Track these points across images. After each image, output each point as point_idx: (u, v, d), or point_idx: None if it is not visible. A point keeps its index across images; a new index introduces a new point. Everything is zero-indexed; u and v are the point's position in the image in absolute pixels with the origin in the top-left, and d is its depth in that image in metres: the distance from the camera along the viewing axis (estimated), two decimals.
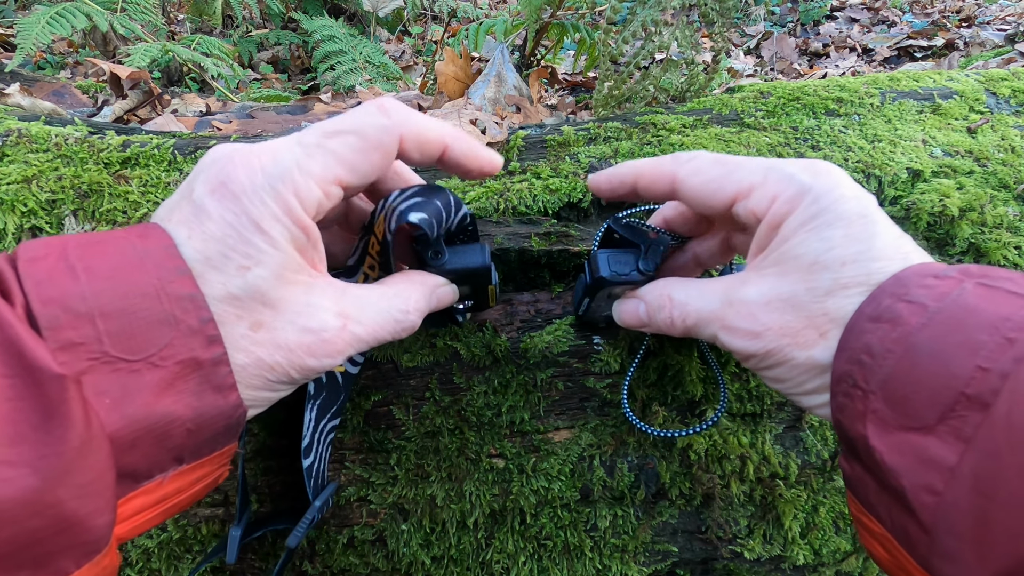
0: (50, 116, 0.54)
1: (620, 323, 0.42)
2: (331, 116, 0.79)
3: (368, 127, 0.33)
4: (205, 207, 0.30)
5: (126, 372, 0.27)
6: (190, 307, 0.28)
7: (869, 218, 0.32)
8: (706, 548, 0.50)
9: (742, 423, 0.49)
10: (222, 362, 0.29)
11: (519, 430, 0.48)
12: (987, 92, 0.63)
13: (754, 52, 2.82)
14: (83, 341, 0.26)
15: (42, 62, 2.21)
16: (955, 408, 0.26)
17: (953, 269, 0.30)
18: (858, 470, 0.31)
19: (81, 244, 0.28)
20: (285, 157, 0.31)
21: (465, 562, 0.49)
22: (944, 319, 0.28)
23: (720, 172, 0.36)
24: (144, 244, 0.29)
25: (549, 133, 0.57)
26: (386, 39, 2.82)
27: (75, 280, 0.27)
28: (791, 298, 0.33)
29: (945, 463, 0.26)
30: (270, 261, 0.30)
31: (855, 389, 0.30)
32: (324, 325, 0.33)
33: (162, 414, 0.28)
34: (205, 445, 0.30)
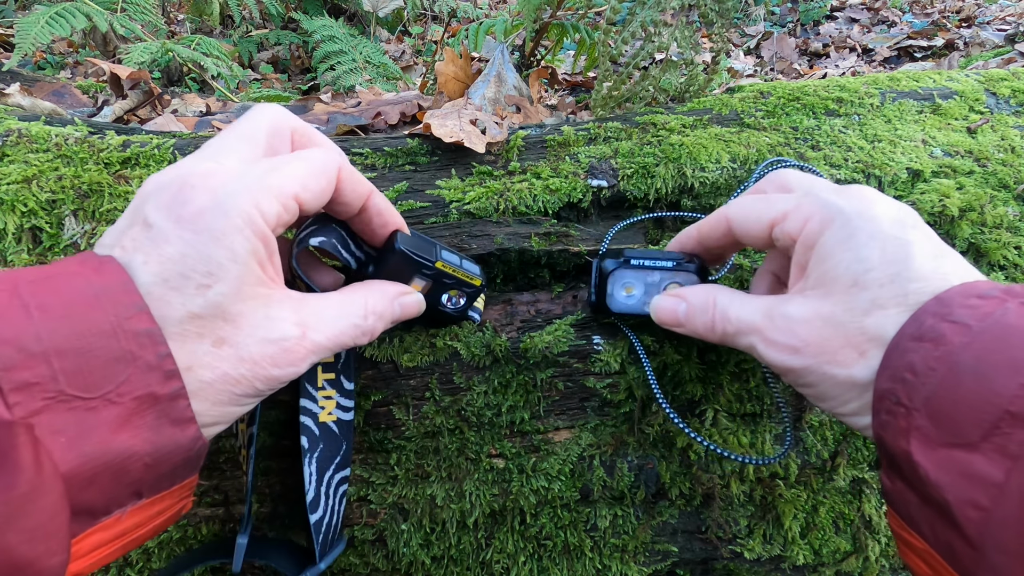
0: (50, 116, 0.54)
1: (656, 318, 0.43)
2: (331, 116, 0.79)
3: (313, 155, 0.35)
4: (163, 231, 0.30)
5: (82, 410, 0.27)
6: (147, 343, 0.29)
7: (903, 239, 0.33)
8: (706, 548, 0.50)
9: (742, 423, 0.49)
10: (180, 396, 0.30)
11: (519, 430, 0.48)
12: (987, 92, 0.63)
13: (754, 52, 2.82)
14: (38, 381, 0.26)
15: (42, 62, 2.21)
16: (999, 425, 0.26)
17: (997, 289, 0.30)
18: (899, 485, 0.31)
19: (33, 280, 0.28)
20: (246, 174, 0.32)
21: (465, 562, 0.49)
22: (987, 338, 0.28)
23: (761, 204, 0.39)
24: (100, 280, 0.29)
25: (549, 133, 0.57)
26: (386, 39, 2.82)
27: (29, 319, 0.26)
28: (831, 317, 0.33)
29: (991, 480, 0.26)
30: (229, 276, 0.31)
31: (898, 407, 0.30)
32: (284, 335, 0.33)
33: (119, 450, 0.28)
34: (164, 479, 0.30)
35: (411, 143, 0.55)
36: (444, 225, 0.51)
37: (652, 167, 0.54)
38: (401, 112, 0.78)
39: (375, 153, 0.54)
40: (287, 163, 0.34)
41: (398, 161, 0.54)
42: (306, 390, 0.42)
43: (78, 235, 0.47)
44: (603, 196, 0.53)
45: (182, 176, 0.32)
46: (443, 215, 0.51)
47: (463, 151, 0.55)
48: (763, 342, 0.36)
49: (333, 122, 0.77)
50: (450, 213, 0.51)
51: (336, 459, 0.43)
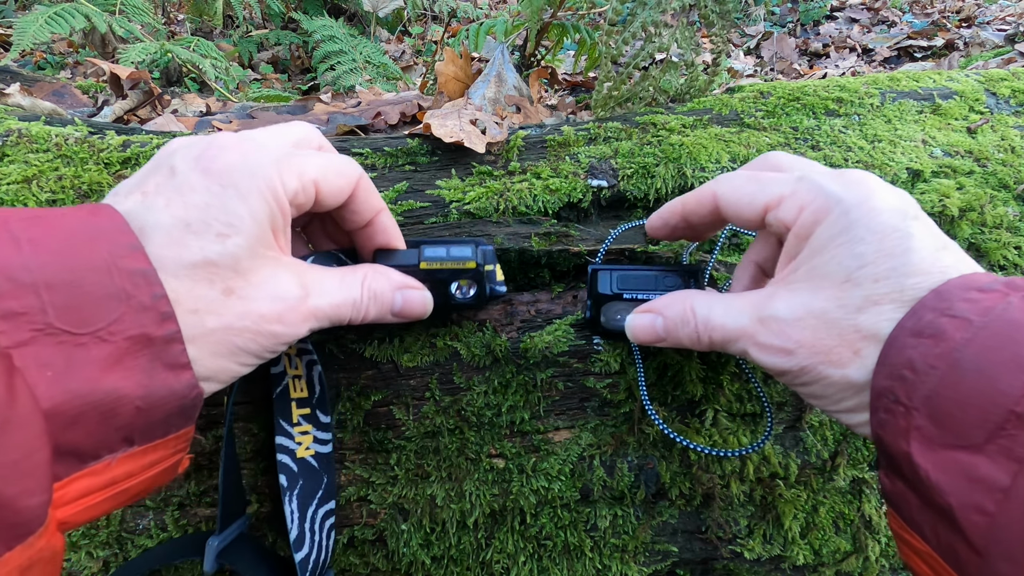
0: (50, 116, 0.54)
1: (633, 339, 0.41)
2: (331, 116, 0.79)
3: (337, 158, 0.37)
4: (189, 180, 0.31)
5: (71, 345, 0.26)
6: (142, 282, 0.28)
7: (903, 231, 0.31)
8: (706, 548, 0.50)
9: (742, 423, 0.49)
10: (175, 340, 0.29)
11: (519, 430, 0.48)
12: (987, 92, 0.63)
13: (754, 52, 2.82)
14: (25, 311, 0.25)
15: (42, 62, 2.21)
16: (1004, 427, 0.25)
17: (998, 282, 0.29)
18: (900, 486, 0.30)
19: (26, 218, 0.28)
20: (273, 148, 0.34)
21: (465, 562, 0.49)
22: (990, 334, 0.27)
23: (754, 187, 0.37)
24: (95, 220, 0.29)
25: (549, 133, 0.57)
26: (386, 39, 2.82)
27: (18, 250, 0.26)
28: (823, 315, 0.32)
29: (997, 484, 0.25)
30: (248, 231, 0.32)
31: (897, 405, 0.29)
32: (288, 293, 0.34)
33: (108, 390, 0.27)
34: (157, 426, 0.30)
35: (411, 143, 0.55)
36: (444, 225, 0.51)
37: (652, 167, 0.54)
38: (401, 112, 0.78)
39: (375, 153, 0.54)
40: (312, 154, 0.36)
41: (398, 161, 0.54)
42: (281, 427, 0.42)
43: None
44: (603, 196, 0.53)
45: (212, 138, 0.33)
46: (443, 215, 0.51)
47: (463, 151, 0.55)
48: (755, 346, 0.34)
49: (333, 122, 0.77)
50: (450, 213, 0.51)
51: (319, 493, 0.43)
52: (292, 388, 0.43)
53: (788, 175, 0.36)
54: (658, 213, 0.43)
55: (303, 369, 0.44)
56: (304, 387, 0.44)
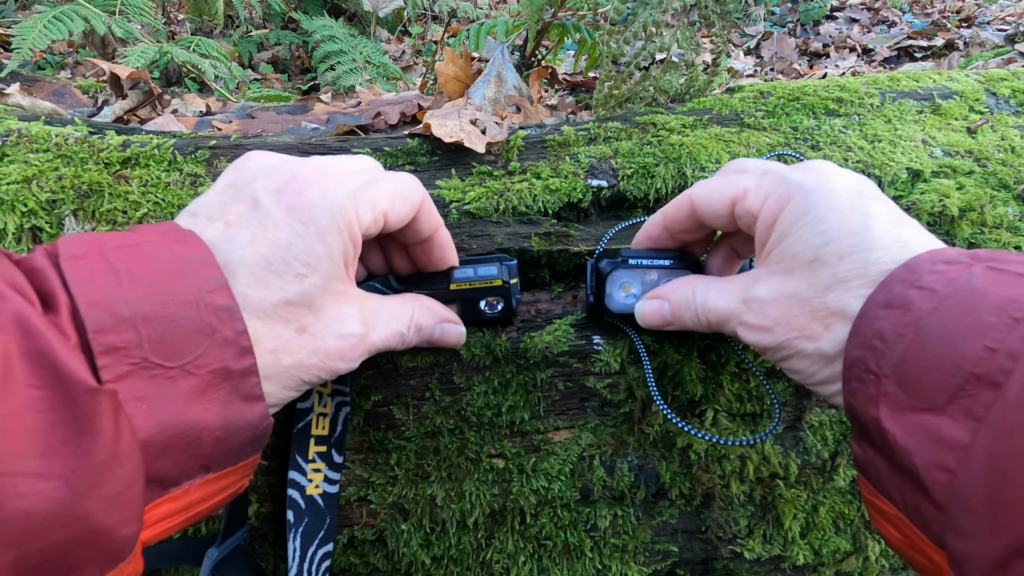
0: (50, 116, 0.54)
1: (643, 323, 0.43)
2: (331, 116, 0.79)
3: (405, 180, 0.38)
4: (272, 215, 0.32)
5: (163, 379, 0.27)
6: (226, 318, 0.29)
7: (862, 210, 0.33)
8: (706, 548, 0.50)
9: (742, 423, 0.49)
10: (252, 373, 0.30)
11: (519, 430, 0.48)
12: (987, 92, 0.63)
13: (754, 52, 2.82)
14: (125, 346, 0.26)
15: (42, 62, 2.21)
16: (965, 388, 0.27)
17: (964, 255, 0.30)
18: (870, 453, 0.31)
19: (120, 246, 0.29)
20: (349, 183, 0.35)
21: (465, 562, 0.49)
22: (954, 302, 0.28)
23: (722, 182, 0.39)
24: (183, 251, 0.30)
25: (549, 133, 0.57)
26: (386, 39, 2.82)
27: (119, 283, 0.27)
28: (795, 294, 0.34)
29: (957, 442, 0.26)
30: (323, 271, 0.33)
31: (867, 373, 0.30)
32: (353, 331, 0.36)
33: (194, 421, 0.28)
34: (232, 454, 0.31)
35: (411, 143, 0.55)
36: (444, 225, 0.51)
37: (652, 167, 0.54)
38: (401, 112, 0.78)
39: (375, 153, 0.54)
40: (383, 180, 0.37)
41: (398, 161, 0.54)
42: (296, 462, 0.43)
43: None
44: (603, 196, 0.53)
45: (295, 167, 0.34)
46: (443, 215, 0.51)
47: (463, 151, 0.55)
48: (741, 326, 0.37)
49: (333, 122, 0.77)
50: (450, 213, 0.51)
51: (320, 534, 0.43)
52: (314, 425, 0.44)
53: (753, 170, 0.39)
54: (642, 229, 0.45)
55: (331, 408, 0.44)
56: (327, 425, 0.44)
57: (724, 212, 0.39)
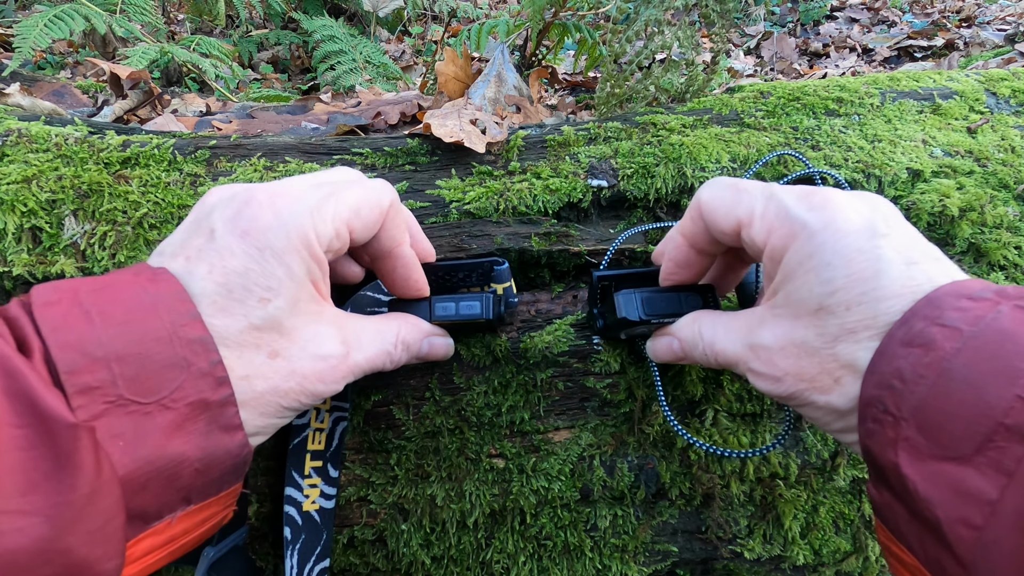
0: (50, 116, 0.54)
1: (655, 359, 0.43)
2: (331, 116, 0.79)
3: (374, 185, 0.37)
4: (228, 245, 0.32)
5: (139, 415, 0.28)
6: (200, 350, 0.30)
7: (871, 252, 0.31)
8: (706, 548, 0.50)
9: (742, 423, 0.49)
10: (229, 403, 0.30)
11: (519, 430, 0.48)
12: (987, 92, 0.63)
13: (754, 52, 2.82)
14: (99, 385, 0.27)
15: (42, 62, 2.21)
16: (993, 439, 0.25)
17: (989, 290, 0.29)
18: (887, 498, 0.30)
19: (93, 289, 0.29)
20: (305, 199, 0.34)
21: (465, 562, 0.49)
22: (979, 344, 0.27)
23: (731, 195, 0.36)
24: (156, 288, 0.30)
25: (549, 133, 0.57)
26: (386, 39, 2.82)
27: (91, 325, 0.27)
28: (803, 344, 0.32)
29: (984, 496, 0.25)
30: (287, 292, 0.32)
31: (885, 415, 0.29)
32: (331, 352, 0.35)
33: (172, 455, 0.28)
34: (212, 485, 0.31)
35: (411, 143, 0.55)
36: (444, 225, 0.51)
37: (652, 167, 0.54)
38: (401, 112, 0.78)
39: (375, 153, 0.54)
40: (347, 190, 0.36)
41: (398, 161, 0.54)
42: (292, 478, 0.43)
43: (78, 235, 0.47)
44: (603, 196, 0.53)
45: (249, 191, 0.34)
46: (443, 215, 0.51)
47: (463, 151, 0.55)
48: (749, 372, 0.35)
49: (333, 122, 0.77)
50: (450, 213, 0.51)
51: (317, 550, 0.43)
52: (311, 440, 0.44)
53: (759, 189, 0.36)
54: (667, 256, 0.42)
55: (328, 423, 0.44)
56: (323, 440, 0.44)
57: (730, 232, 0.36)
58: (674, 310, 0.41)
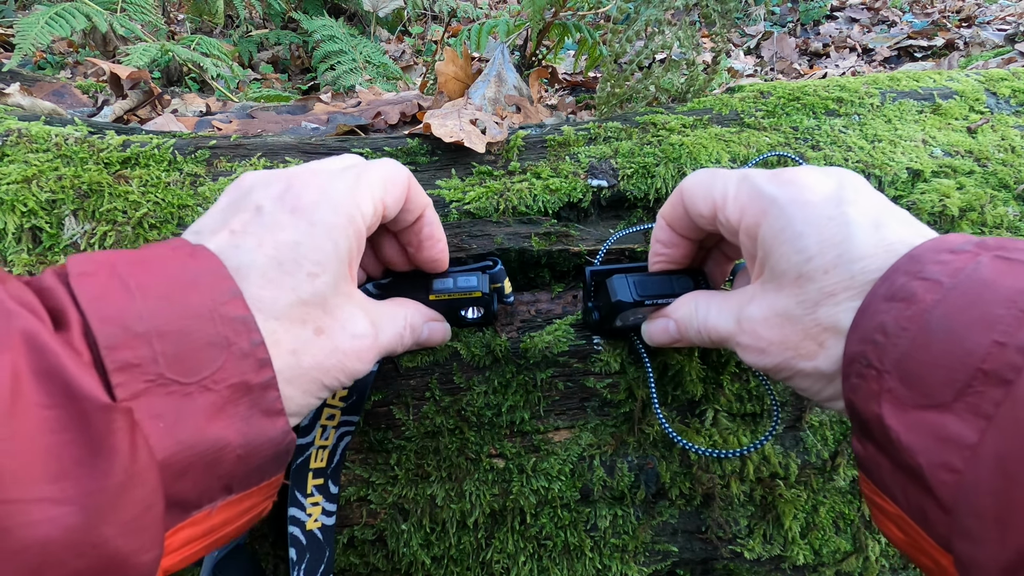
0: (50, 116, 0.54)
1: (651, 342, 0.43)
2: (331, 116, 0.79)
3: (388, 163, 0.38)
4: (277, 218, 0.32)
5: (179, 395, 0.26)
6: (242, 329, 0.29)
7: (839, 218, 0.32)
8: (706, 548, 0.50)
9: (742, 423, 0.49)
10: (271, 386, 0.29)
11: (519, 430, 0.48)
12: (987, 92, 0.63)
13: (754, 52, 2.82)
14: (140, 362, 0.25)
15: (42, 62, 2.21)
16: (972, 384, 0.25)
17: (970, 243, 0.29)
18: (871, 450, 0.30)
19: (130, 261, 0.28)
20: (344, 179, 0.35)
21: (465, 562, 0.49)
22: (959, 294, 0.27)
23: (707, 179, 0.38)
24: (195, 264, 0.29)
25: (549, 133, 0.57)
26: (386, 39, 2.82)
27: (131, 298, 0.26)
28: (785, 312, 0.33)
29: (964, 440, 0.25)
30: (333, 269, 0.33)
31: (869, 369, 0.29)
32: (365, 332, 0.35)
33: (213, 439, 0.27)
34: (254, 474, 0.30)
35: (411, 143, 0.55)
36: (444, 225, 0.51)
37: (652, 167, 0.54)
38: (401, 112, 0.78)
39: (375, 153, 0.54)
40: (370, 170, 0.36)
41: (398, 161, 0.54)
42: (295, 498, 0.43)
43: (78, 235, 0.47)
44: (603, 196, 0.53)
45: (289, 173, 0.34)
46: (443, 215, 0.51)
47: (463, 151, 0.55)
48: (738, 347, 0.36)
49: (333, 122, 0.77)
50: (450, 213, 0.51)
51: (321, 567, 0.43)
52: (313, 458, 0.44)
53: (734, 173, 0.37)
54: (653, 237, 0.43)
55: (333, 440, 0.44)
56: (325, 458, 0.44)
57: (708, 215, 0.37)
58: (667, 291, 0.42)
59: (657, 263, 0.43)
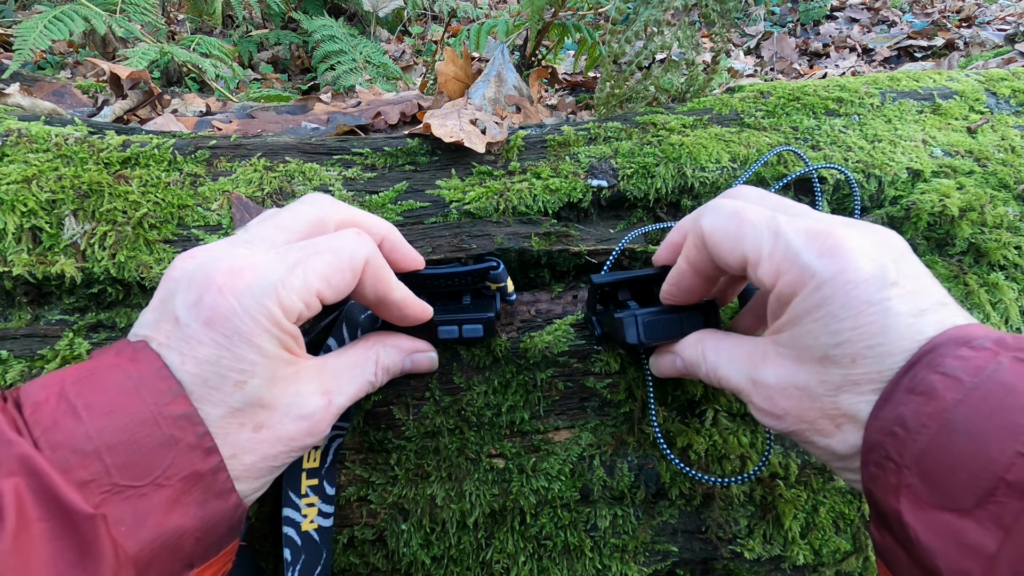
0: (50, 116, 0.54)
1: (659, 375, 0.44)
2: (331, 116, 0.79)
3: (345, 246, 0.36)
4: (195, 334, 0.32)
5: (136, 497, 0.29)
6: (187, 425, 0.30)
7: (880, 305, 0.30)
8: (706, 548, 0.50)
9: (742, 423, 0.49)
10: (220, 469, 0.31)
11: (519, 430, 0.48)
12: (987, 92, 0.63)
13: (754, 52, 2.82)
14: (94, 478, 0.28)
15: (42, 62, 2.21)
16: (994, 494, 0.25)
17: (988, 339, 0.29)
18: (889, 541, 0.30)
19: (77, 380, 0.30)
20: (269, 274, 0.33)
21: (465, 562, 0.49)
22: (980, 397, 0.27)
23: (735, 227, 0.35)
24: (136, 370, 0.31)
25: (549, 133, 0.57)
26: (386, 39, 2.82)
27: (78, 421, 0.28)
28: (805, 388, 0.33)
29: (984, 550, 0.25)
30: (263, 371, 0.33)
31: (888, 461, 0.29)
32: (314, 408, 0.36)
33: (172, 529, 0.30)
34: (212, 548, 0.32)
35: (411, 143, 0.55)
36: (444, 225, 0.51)
37: (652, 167, 0.54)
38: (401, 112, 0.78)
39: (375, 153, 0.54)
40: (314, 255, 0.35)
41: (398, 161, 0.54)
42: (289, 499, 0.43)
43: (78, 235, 0.47)
44: (603, 196, 0.53)
45: (209, 273, 0.32)
46: (443, 215, 0.51)
47: (463, 151, 0.55)
48: (751, 405, 0.36)
49: (333, 122, 0.77)
50: (450, 213, 0.51)
51: (317, 569, 0.43)
52: (305, 458, 0.44)
53: (764, 223, 0.34)
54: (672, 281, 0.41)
55: (324, 441, 0.44)
56: (317, 457, 0.45)
57: (736, 267, 0.36)
58: (675, 333, 0.42)
59: (669, 302, 0.42)
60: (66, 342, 0.45)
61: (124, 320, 0.47)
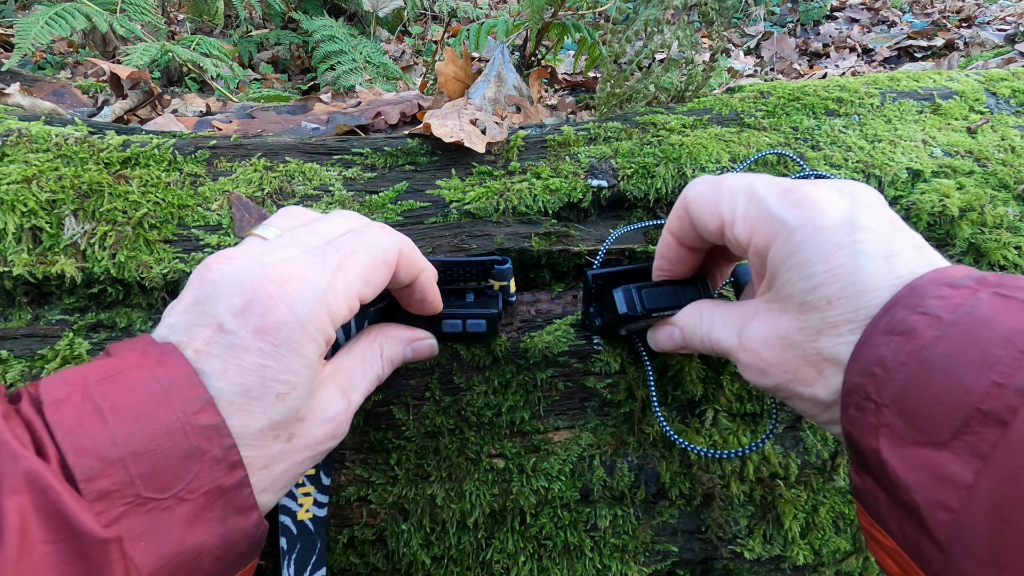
0: (50, 116, 0.54)
1: (656, 349, 0.44)
2: (331, 116, 0.79)
3: (378, 242, 0.36)
4: (241, 340, 0.30)
5: (157, 511, 0.27)
6: (214, 436, 0.29)
7: (850, 247, 0.31)
8: (706, 548, 0.50)
9: (742, 423, 0.49)
10: (244, 484, 0.30)
11: (519, 430, 0.48)
12: (987, 92, 0.63)
13: (754, 52, 2.82)
14: (117, 488, 0.26)
15: (42, 62, 2.21)
16: (970, 424, 0.25)
17: (969, 277, 0.29)
18: (869, 483, 0.30)
19: (102, 379, 0.28)
20: (316, 282, 0.32)
21: (465, 562, 0.49)
22: (958, 332, 0.27)
23: (713, 193, 0.37)
24: (165, 373, 0.29)
25: (549, 133, 0.57)
26: (386, 39, 2.82)
27: (104, 424, 0.27)
28: (787, 337, 0.33)
29: (961, 480, 0.25)
30: (304, 382, 0.32)
31: (867, 402, 0.29)
32: (337, 411, 0.36)
33: (192, 546, 0.28)
34: (231, 568, 0.31)
35: (411, 143, 0.55)
36: (444, 225, 0.51)
37: (652, 167, 0.54)
38: (401, 112, 0.78)
39: (375, 153, 0.54)
40: (353, 256, 0.34)
41: (398, 161, 0.54)
42: None
43: (78, 235, 0.47)
44: (603, 196, 0.53)
45: (256, 279, 0.32)
46: (443, 215, 0.51)
47: (463, 151, 0.55)
48: (739, 363, 0.37)
49: (333, 122, 0.77)
50: (450, 213, 0.51)
51: (313, 559, 0.43)
52: None
53: (742, 187, 0.36)
54: (658, 253, 0.43)
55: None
56: None
57: (715, 231, 0.37)
58: (673, 303, 0.43)
59: (661, 276, 0.43)
60: (66, 342, 0.45)
61: (124, 320, 0.47)
